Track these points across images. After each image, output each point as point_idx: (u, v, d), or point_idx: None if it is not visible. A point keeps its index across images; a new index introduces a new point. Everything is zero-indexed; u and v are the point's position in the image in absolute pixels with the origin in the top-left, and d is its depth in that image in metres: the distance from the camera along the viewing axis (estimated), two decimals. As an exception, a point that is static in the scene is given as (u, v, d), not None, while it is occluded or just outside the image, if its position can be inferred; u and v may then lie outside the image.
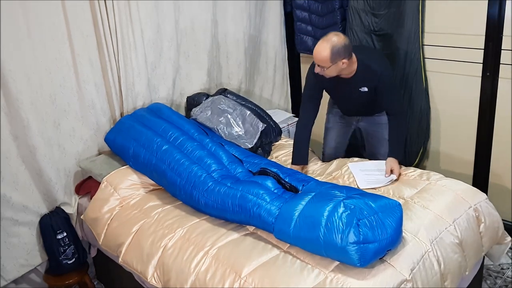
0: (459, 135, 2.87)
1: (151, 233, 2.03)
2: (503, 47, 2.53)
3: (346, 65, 2.22)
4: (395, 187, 2.17)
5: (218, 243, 1.88)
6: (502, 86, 2.61)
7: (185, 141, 2.27)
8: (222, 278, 1.73)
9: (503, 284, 2.49)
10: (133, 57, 2.62)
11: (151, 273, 1.94)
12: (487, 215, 2.06)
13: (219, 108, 2.66)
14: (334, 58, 2.16)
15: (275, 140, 2.86)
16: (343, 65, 2.21)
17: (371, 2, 2.90)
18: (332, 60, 2.16)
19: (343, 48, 2.16)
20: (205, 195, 2.02)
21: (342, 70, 2.25)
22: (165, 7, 2.71)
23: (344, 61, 2.19)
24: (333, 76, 2.28)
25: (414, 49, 2.84)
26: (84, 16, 2.38)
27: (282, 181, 2.06)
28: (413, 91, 2.93)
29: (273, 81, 3.58)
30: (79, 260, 2.49)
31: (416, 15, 2.77)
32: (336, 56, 2.16)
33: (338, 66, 2.21)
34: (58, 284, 2.45)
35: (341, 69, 2.23)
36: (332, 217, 1.64)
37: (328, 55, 2.15)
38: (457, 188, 2.10)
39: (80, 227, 2.55)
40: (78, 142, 2.52)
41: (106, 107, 2.60)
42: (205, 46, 3.00)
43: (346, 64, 2.22)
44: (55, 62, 2.32)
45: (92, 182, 2.49)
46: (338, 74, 2.28)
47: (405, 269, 1.66)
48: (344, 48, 2.16)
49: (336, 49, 2.15)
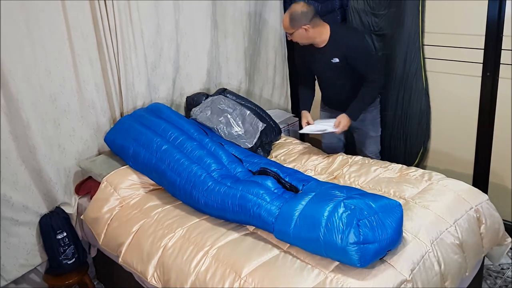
0: (459, 135, 2.87)
1: (151, 233, 2.03)
2: (503, 47, 2.53)
3: (310, 31, 2.44)
4: (396, 187, 2.16)
5: (218, 243, 1.88)
6: (502, 86, 2.61)
7: (184, 140, 2.27)
8: (222, 278, 1.73)
9: (503, 284, 2.49)
10: (133, 57, 2.62)
11: (151, 273, 1.94)
12: (488, 216, 2.06)
13: (218, 108, 2.66)
14: (294, 24, 2.42)
15: (275, 140, 2.87)
16: (307, 32, 2.44)
17: (371, 2, 2.90)
18: (292, 26, 2.43)
19: (300, 14, 2.41)
20: (205, 194, 2.02)
21: (310, 37, 2.48)
22: (165, 7, 2.71)
23: (306, 27, 2.42)
24: (305, 43, 2.53)
25: (414, 49, 2.84)
26: (84, 16, 2.37)
27: (282, 181, 2.06)
28: (413, 91, 2.94)
29: (273, 81, 3.58)
30: (79, 260, 2.49)
31: (416, 15, 2.77)
32: (295, 22, 2.42)
33: (303, 32, 2.45)
34: (58, 284, 2.45)
35: (307, 35, 2.46)
36: (332, 217, 1.64)
37: (287, 21, 2.44)
38: (458, 189, 2.10)
39: (80, 227, 2.55)
40: (78, 142, 2.51)
41: (106, 107, 2.60)
42: (205, 46, 3.00)
43: (310, 31, 2.44)
44: (55, 62, 2.32)
45: (92, 182, 2.49)
46: (309, 41, 2.50)
47: (405, 269, 1.66)
48: (302, 14, 2.41)
49: (294, 16, 2.42)
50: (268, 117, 2.85)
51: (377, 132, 2.83)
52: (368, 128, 2.77)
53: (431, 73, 2.88)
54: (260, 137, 2.67)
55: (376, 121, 2.79)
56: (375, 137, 2.83)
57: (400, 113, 3.02)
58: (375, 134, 2.82)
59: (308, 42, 2.51)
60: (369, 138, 2.81)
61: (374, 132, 2.81)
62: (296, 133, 3.52)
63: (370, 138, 2.80)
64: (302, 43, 2.52)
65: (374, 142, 2.83)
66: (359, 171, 2.36)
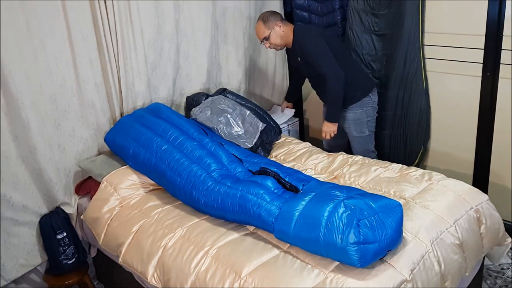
0: (459, 135, 2.87)
1: (151, 233, 2.03)
2: (503, 47, 2.53)
3: (284, 28, 2.60)
4: (396, 187, 2.16)
5: (218, 243, 1.88)
6: (502, 86, 2.61)
7: (184, 140, 2.27)
8: (222, 278, 1.73)
9: (503, 284, 2.49)
10: (133, 57, 2.62)
11: (151, 273, 1.94)
12: (488, 216, 2.06)
13: (218, 108, 2.66)
14: (268, 24, 2.58)
15: (275, 139, 2.87)
16: (281, 29, 2.59)
17: (371, 2, 2.90)
18: (267, 27, 2.58)
19: (269, 14, 2.60)
20: (205, 194, 2.02)
21: (284, 36, 2.61)
22: (165, 7, 2.71)
23: (278, 24, 2.58)
24: (281, 45, 2.66)
25: (414, 49, 2.84)
26: (84, 16, 2.37)
27: (282, 181, 2.06)
28: (413, 91, 2.94)
29: (273, 81, 3.58)
30: (79, 260, 2.49)
31: (416, 15, 2.77)
32: (268, 23, 2.58)
33: (278, 32, 2.60)
34: (58, 284, 2.45)
35: (282, 34, 2.61)
36: (333, 217, 1.64)
37: (261, 25, 2.59)
38: (458, 189, 2.10)
39: (80, 227, 2.55)
40: (78, 142, 2.51)
41: (106, 107, 2.60)
42: (205, 46, 3.00)
43: (283, 28, 2.60)
44: (55, 62, 2.32)
45: (92, 182, 2.49)
46: (283, 41, 2.64)
47: (405, 269, 1.66)
48: (271, 13, 2.60)
49: (265, 17, 2.59)
50: (268, 117, 2.85)
51: (361, 132, 2.83)
52: (350, 128, 2.82)
53: (431, 73, 2.88)
54: (261, 136, 2.67)
55: (359, 121, 2.79)
56: (358, 137, 2.85)
57: (400, 113, 3.02)
58: (357, 134, 2.84)
59: (283, 42, 2.65)
60: (351, 137, 2.87)
61: (357, 132, 2.82)
62: (296, 133, 3.52)
63: (353, 138, 2.86)
64: (279, 45, 2.66)
65: (357, 141, 2.87)
66: (359, 171, 2.36)
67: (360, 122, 2.80)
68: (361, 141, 2.86)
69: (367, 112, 2.79)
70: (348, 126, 2.82)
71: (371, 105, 2.80)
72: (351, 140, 2.89)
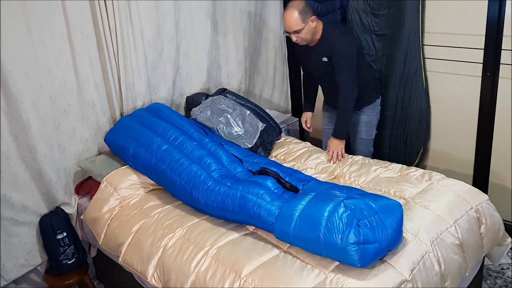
0: (459, 135, 2.87)
1: (151, 233, 2.03)
2: (503, 47, 2.53)
3: (315, 24, 2.43)
4: (396, 187, 2.16)
5: (218, 243, 1.88)
6: (502, 86, 2.61)
7: (184, 140, 2.27)
8: (222, 278, 1.73)
9: (503, 284, 2.49)
10: (133, 57, 2.62)
11: (151, 273, 1.94)
12: (488, 216, 2.06)
13: (218, 108, 2.66)
14: (304, 17, 2.37)
15: (276, 139, 2.87)
16: (313, 23, 2.42)
17: (371, 2, 2.90)
18: (303, 20, 2.37)
19: (306, 6, 2.39)
20: (205, 194, 2.02)
21: (315, 31, 2.46)
22: (165, 7, 2.71)
23: (312, 18, 2.40)
24: (308, 41, 2.48)
25: (414, 49, 2.84)
26: (84, 16, 2.37)
27: (282, 181, 2.06)
28: (413, 91, 2.94)
29: (273, 81, 3.58)
30: (79, 260, 2.49)
31: (416, 15, 2.77)
32: (305, 15, 2.37)
33: (310, 27, 2.42)
34: (58, 284, 2.45)
35: (313, 30, 2.44)
36: (333, 217, 1.63)
37: (297, 17, 2.36)
38: (459, 189, 2.10)
39: (80, 227, 2.55)
40: (78, 142, 2.51)
41: (106, 107, 2.60)
42: (205, 46, 3.00)
43: (315, 23, 2.43)
44: (55, 62, 2.32)
45: (92, 182, 2.49)
46: (312, 36, 2.47)
47: (405, 269, 1.66)
48: (307, 6, 2.40)
49: (302, 9, 2.37)
50: (268, 117, 2.85)
51: (370, 135, 2.82)
52: (361, 129, 2.77)
53: (431, 73, 2.88)
54: (261, 136, 2.67)
55: (370, 123, 2.77)
56: (366, 140, 2.82)
57: (400, 113, 3.02)
58: (366, 137, 2.80)
59: (311, 38, 2.47)
60: (359, 140, 2.81)
61: (366, 135, 2.80)
62: (296, 133, 3.52)
63: (361, 140, 2.80)
64: (306, 41, 2.48)
65: (364, 143, 2.83)
66: (359, 171, 2.36)
67: (371, 124, 2.78)
68: (368, 144, 2.84)
69: (377, 115, 2.79)
70: (360, 128, 2.77)
71: (379, 107, 2.80)
72: (358, 142, 2.83)
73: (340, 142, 2.53)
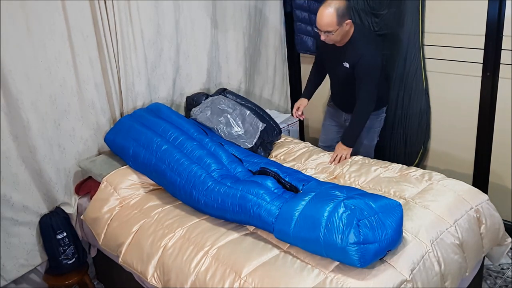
0: (459, 135, 2.87)
1: (151, 233, 2.03)
2: (503, 47, 2.53)
3: (349, 27, 2.32)
4: (396, 187, 2.16)
5: (218, 243, 1.88)
6: (502, 86, 2.61)
7: (184, 140, 2.27)
8: (222, 278, 1.73)
9: (503, 284, 2.49)
10: (133, 57, 2.62)
11: (151, 273, 1.94)
12: (488, 216, 2.06)
13: (218, 108, 2.66)
14: (340, 20, 2.25)
15: (276, 139, 2.87)
16: (347, 26, 2.30)
17: (371, 2, 2.90)
18: (338, 23, 2.25)
19: (346, 8, 2.25)
20: (205, 194, 2.02)
21: (344, 35, 2.35)
22: (165, 7, 2.71)
23: (347, 22, 2.28)
24: (337, 42, 2.38)
25: (414, 49, 2.84)
26: (84, 16, 2.37)
27: (282, 181, 2.06)
28: (413, 91, 2.94)
29: (273, 81, 3.58)
30: (79, 260, 2.49)
31: (416, 15, 2.77)
32: (341, 18, 2.25)
33: (344, 30, 2.31)
34: (58, 284, 2.45)
35: (344, 33, 2.33)
36: (333, 217, 1.64)
37: (334, 19, 2.24)
38: (459, 189, 2.10)
39: (80, 227, 2.55)
40: (78, 142, 2.51)
41: (106, 107, 2.60)
42: (205, 46, 3.00)
43: (349, 26, 2.31)
44: (55, 62, 2.32)
45: (92, 182, 2.49)
46: (341, 39, 2.36)
47: (405, 269, 1.66)
48: (347, 7, 2.27)
49: (340, 11, 2.24)
50: (268, 117, 2.85)
51: (371, 141, 2.79)
52: (362, 134, 2.67)
53: (431, 73, 2.88)
54: (261, 136, 2.67)
55: (373, 129, 2.74)
56: (367, 145, 2.78)
57: (400, 113, 3.02)
58: (367, 143, 2.77)
59: (340, 40, 2.37)
60: (360, 144, 2.74)
61: (368, 140, 2.76)
62: (296, 133, 3.52)
63: (361, 145, 2.74)
64: (335, 42, 2.38)
65: (365, 149, 2.78)
66: (359, 171, 2.36)
67: (374, 131, 2.75)
68: (369, 149, 2.81)
69: (380, 122, 2.77)
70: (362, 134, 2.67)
71: (384, 114, 2.78)
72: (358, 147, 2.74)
73: (347, 149, 2.52)
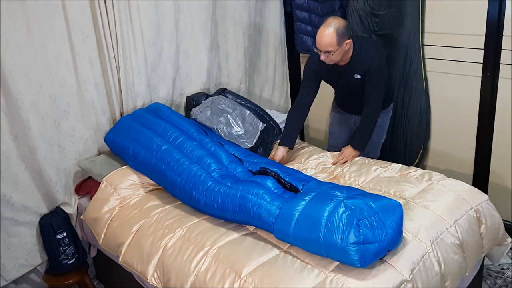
0: (459, 135, 2.87)
1: (151, 233, 2.03)
2: (503, 47, 2.53)
3: (349, 45, 2.30)
4: (396, 187, 2.16)
5: (218, 243, 1.88)
6: (502, 86, 2.61)
7: (184, 140, 2.27)
8: (222, 278, 1.73)
9: (503, 284, 2.49)
10: (133, 57, 2.62)
11: (151, 273, 1.94)
12: (488, 216, 2.06)
13: (218, 108, 2.66)
14: (340, 40, 2.24)
15: (276, 139, 2.86)
16: (346, 46, 2.29)
17: (371, 2, 2.90)
18: (338, 43, 2.24)
19: (345, 28, 2.24)
20: (205, 194, 2.02)
21: (344, 54, 2.33)
22: (165, 7, 2.71)
23: (347, 42, 2.27)
24: (336, 61, 2.35)
25: (414, 49, 2.84)
26: (84, 16, 2.37)
27: (282, 181, 2.06)
28: (413, 91, 2.94)
29: (273, 81, 3.58)
30: (79, 260, 2.49)
31: (416, 15, 2.77)
32: (341, 38, 2.24)
33: (343, 50, 2.30)
34: (58, 284, 2.45)
35: (344, 51, 2.31)
36: (333, 217, 1.64)
37: (334, 39, 2.22)
38: (459, 189, 2.10)
39: (80, 227, 2.55)
40: (78, 142, 2.51)
41: (106, 107, 2.60)
42: (205, 46, 3.00)
43: (349, 45, 2.30)
44: (55, 62, 2.32)
45: (92, 182, 2.49)
46: (341, 58, 2.34)
47: (405, 269, 1.66)
48: (346, 28, 2.25)
49: (340, 31, 2.23)
50: (268, 117, 2.85)
51: (380, 138, 2.80)
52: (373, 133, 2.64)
53: (431, 73, 2.88)
54: (261, 136, 2.67)
55: (383, 127, 2.75)
56: (376, 142, 2.79)
57: (400, 113, 3.02)
58: (377, 140, 2.77)
59: (339, 59, 2.35)
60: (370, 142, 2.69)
61: (377, 137, 2.76)
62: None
63: (371, 142, 2.70)
64: (332, 61, 2.34)
65: (373, 146, 2.78)
66: (359, 171, 2.36)
67: (383, 128, 2.76)
68: (376, 147, 2.81)
69: (389, 118, 2.78)
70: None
71: (392, 110, 2.78)
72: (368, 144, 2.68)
73: (355, 152, 2.52)
